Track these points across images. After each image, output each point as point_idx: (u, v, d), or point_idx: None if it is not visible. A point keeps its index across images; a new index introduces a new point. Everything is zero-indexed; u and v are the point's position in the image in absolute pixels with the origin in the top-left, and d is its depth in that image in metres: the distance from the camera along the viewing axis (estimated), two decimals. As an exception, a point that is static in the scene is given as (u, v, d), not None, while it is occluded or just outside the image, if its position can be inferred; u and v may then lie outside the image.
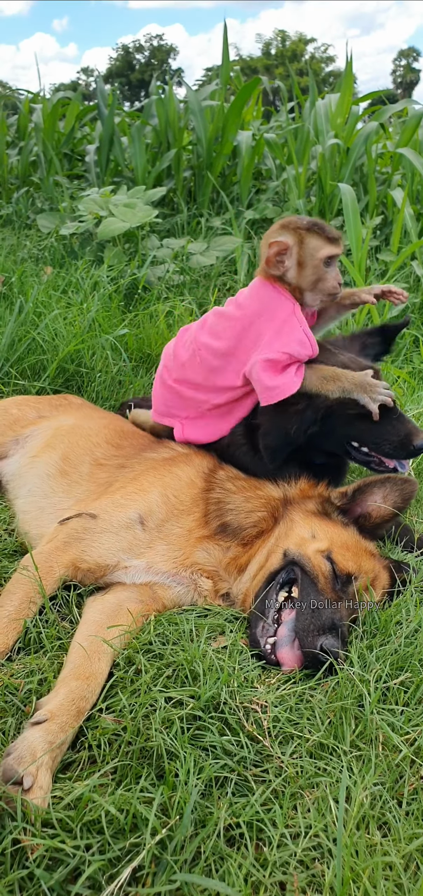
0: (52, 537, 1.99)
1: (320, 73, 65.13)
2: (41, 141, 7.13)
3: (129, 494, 2.11)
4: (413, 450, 2.35)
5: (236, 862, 1.27)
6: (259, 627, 1.86)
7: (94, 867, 1.22)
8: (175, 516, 2.11)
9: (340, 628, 1.80)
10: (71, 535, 1.98)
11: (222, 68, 6.91)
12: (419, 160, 5.76)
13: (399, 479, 2.21)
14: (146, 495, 2.11)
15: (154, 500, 2.10)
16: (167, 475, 2.23)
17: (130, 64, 75.91)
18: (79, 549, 1.96)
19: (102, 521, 2.02)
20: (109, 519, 2.02)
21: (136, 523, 2.04)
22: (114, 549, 1.99)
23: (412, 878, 1.27)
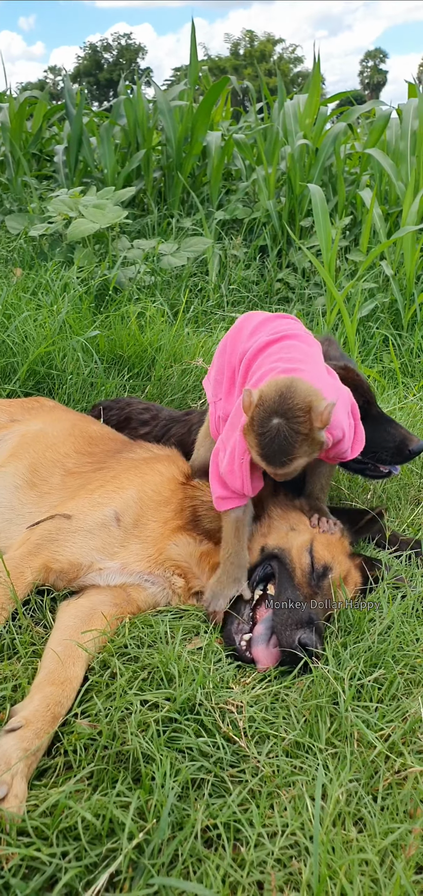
0: (23, 541, 1.97)
1: (288, 73, 65.58)
2: (8, 141, 7.04)
3: (107, 493, 2.09)
4: (409, 454, 2.41)
5: (213, 863, 1.27)
6: (234, 625, 1.87)
7: (70, 874, 1.22)
8: (152, 509, 2.10)
9: (316, 623, 1.82)
10: (44, 537, 1.96)
11: (191, 68, 6.90)
12: (386, 161, 5.84)
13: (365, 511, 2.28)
14: (124, 492, 2.10)
15: (131, 497, 2.09)
16: (149, 472, 2.23)
17: (98, 63, 75.44)
18: (51, 551, 1.94)
19: (77, 520, 2.00)
20: (84, 518, 2.01)
21: (112, 521, 2.02)
22: (88, 548, 1.97)
23: (387, 873, 1.29)
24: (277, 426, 1.77)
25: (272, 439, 1.77)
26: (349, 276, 5.57)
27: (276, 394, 1.79)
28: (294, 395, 1.78)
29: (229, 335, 2.24)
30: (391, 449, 2.41)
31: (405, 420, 3.44)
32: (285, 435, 1.76)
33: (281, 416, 1.77)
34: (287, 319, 2.24)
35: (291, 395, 1.78)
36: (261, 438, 1.79)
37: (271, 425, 1.78)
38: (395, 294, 4.96)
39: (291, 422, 1.77)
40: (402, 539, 2.46)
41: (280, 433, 1.77)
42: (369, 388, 2.45)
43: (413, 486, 2.97)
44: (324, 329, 4.62)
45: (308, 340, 2.12)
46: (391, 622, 1.93)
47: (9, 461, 2.34)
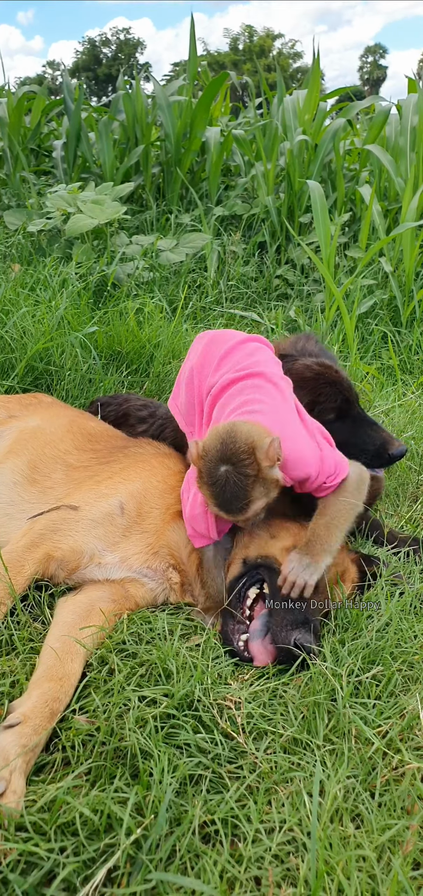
0: (26, 531, 1.96)
1: (287, 69, 65.41)
2: (7, 136, 7.01)
3: (114, 484, 2.10)
4: (389, 458, 2.38)
5: (211, 859, 1.28)
6: (231, 625, 1.87)
7: (68, 869, 1.22)
8: (156, 497, 2.12)
9: (312, 623, 1.82)
10: (47, 527, 1.96)
11: (190, 63, 6.88)
12: (386, 157, 5.83)
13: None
14: (131, 484, 2.11)
15: (137, 488, 2.11)
16: (158, 466, 2.25)
17: (96, 58, 75.23)
18: (54, 540, 1.94)
19: (82, 511, 2.01)
20: (90, 508, 2.02)
21: (117, 510, 2.03)
22: (90, 536, 1.97)
23: (384, 869, 1.29)
24: (225, 474, 1.76)
25: (223, 488, 1.77)
26: (348, 272, 5.56)
27: (218, 442, 1.79)
28: (235, 439, 1.77)
29: (195, 365, 2.21)
30: (370, 452, 2.38)
31: (404, 417, 3.44)
32: (234, 481, 1.75)
33: (227, 463, 1.76)
34: (254, 344, 2.21)
35: (232, 440, 1.77)
36: (213, 489, 1.79)
37: (219, 474, 1.77)
38: (394, 291, 4.96)
39: (237, 466, 1.75)
40: (400, 536, 2.46)
41: (229, 480, 1.76)
42: (349, 387, 2.40)
43: (411, 483, 2.97)
44: (323, 326, 4.61)
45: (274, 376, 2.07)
46: (389, 619, 1.93)
47: (7, 458, 2.34)
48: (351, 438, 2.37)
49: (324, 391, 2.34)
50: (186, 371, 2.29)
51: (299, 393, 2.34)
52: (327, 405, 2.35)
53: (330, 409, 2.36)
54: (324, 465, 1.95)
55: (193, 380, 2.20)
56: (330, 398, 2.35)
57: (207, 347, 2.23)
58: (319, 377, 2.36)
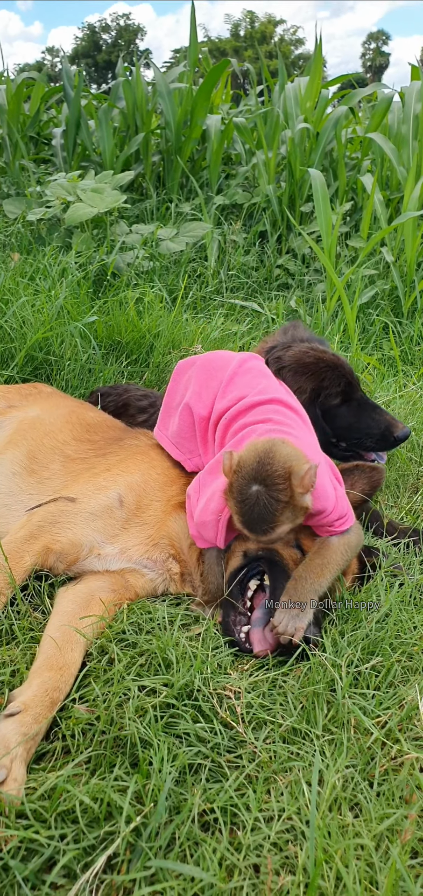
0: (24, 523, 1.96)
1: (289, 55, 64.97)
2: (6, 123, 6.97)
3: (112, 476, 2.10)
4: (394, 441, 2.38)
5: (210, 847, 1.28)
6: (232, 616, 1.87)
7: (69, 856, 1.23)
8: (157, 490, 2.11)
9: (314, 612, 1.82)
10: (46, 519, 1.96)
11: (190, 50, 6.83)
12: (388, 145, 5.80)
13: (367, 467, 2.24)
14: (130, 476, 2.11)
15: (136, 481, 2.10)
16: (156, 458, 2.25)
17: (96, 44, 74.69)
18: (53, 532, 1.94)
19: (80, 503, 2.00)
20: (88, 501, 2.01)
21: (115, 503, 2.03)
22: (89, 529, 1.97)
23: (383, 858, 1.30)
24: (256, 494, 1.71)
25: (252, 507, 1.72)
26: (350, 262, 5.54)
27: (254, 459, 1.74)
28: (273, 461, 1.72)
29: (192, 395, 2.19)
30: (375, 435, 2.37)
31: (405, 408, 3.44)
32: (264, 503, 1.71)
33: (260, 483, 1.71)
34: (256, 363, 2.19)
35: (269, 461, 1.72)
36: (241, 506, 1.74)
37: (250, 493, 1.72)
38: (395, 281, 4.94)
39: (270, 489, 1.71)
40: (400, 528, 2.46)
41: (260, 501, 1.71)
42: (351, 370, 2.40)
43: (412, 474, 2.97)
44: (324, 316, 4.60)
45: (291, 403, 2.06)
46: (389, 610, 1.93)
47: (6, 448, 2.34)
48: (356, 423, 2.37)
49: (328, 375, 2.34)
50: (178, 402, 2.28)
51: (300, 379, 2.33)
52: (332, 390, 2.34)
53: (335, 393, 2.35)
54: (337, 505, 1.92)
55: (190, 409, 2.19)
56: (334, 382, 2.34)
57: (202, 373, 2.21)
58: (319, 361, 2.35)
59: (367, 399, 2.43)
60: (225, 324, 4.25)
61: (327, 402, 2.35)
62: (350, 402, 2.38)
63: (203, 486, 1.99)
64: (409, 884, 1.22)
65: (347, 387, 2.36)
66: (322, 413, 2.36)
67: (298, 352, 2.37)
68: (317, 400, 2.34)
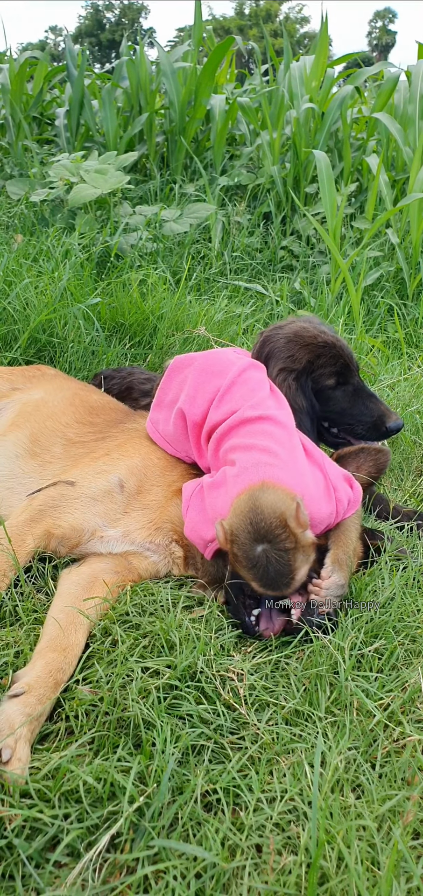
0: (24, 508, 1.97)
1: (294, 34, 64.20)
2: (9, 103, 6.90)
3: (112, 461, 2.09)
4: (386, 431, 2.36)
5: (213, 827, 1.29)
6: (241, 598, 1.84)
7: (72, 835, 1.24)
8: (157, 475, 2.11)
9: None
10: (46, 503, 1.96)
11: (195, 28, 6.74)
12: (394, 125, 5.73)
13: (373, 450, 2.23)
14: (129, 460, 2.10)
15: (136, 465, 2.10)
16: (154, 442, 2.24)
17: (99, 23, 73.87)
18: (54, 517, 1.94)
19: (80, 487, 2.00)
20: (88, 485, 2.01)
21: (116, 487, 2.02)
22: (91, 514, 1.97)
23: (384, 839, 1.31)
24: (264, 554, 1.68)
25: (266, 568, 1.69)
26: (354, 244, 5.50)
27: (246, 522, 1.71)
28: (264, 515, 1.70)
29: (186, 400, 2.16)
30: (367, 424, 2.35)
31: (410, 390, 3.42)
32: (275, 559, 1.68)
33: (262, 542, 1.69)
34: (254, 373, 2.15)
35: (260, 517, 1.70)
36: (254, 572, 1.71)
37: (257, 555, 1.69)
38: (400, 263, 4.90)
39: (274, 543, 1.69)
40: (404, 511, 2.45)
41: (270, 559, 1.68)
42: (350, 355, 2.37)
43: (416, 457, 2.96)
44: (328, 298, 4.57)
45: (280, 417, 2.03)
46: (393, 594, 1.93)
47: (10, 430, 2.33)
48: (349, 408, 2.35)
49: (324, 352, 2.31)
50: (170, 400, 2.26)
51: (294, 348, 2.30)
52: (326, 369, 2.31)
53: (330, 373, 2.32)
54: (339, 508, 1.92)
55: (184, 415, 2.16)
56: (330, 361, 2.31)
57: (198, 376, 2.18)
58: (317, 337, 2.33)
59: (363, 386, 2.41)
60: (229, 306, 4.23)
61: (321, 381, 2.32)
62: (346, 385, 2.36)
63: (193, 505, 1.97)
64: (411, 864, 1.23)
65: (343, 369, 2.34)
66: (315, 393, 2.33)
67: (297, 326, 2.35)
68: (311, 375, 2.31)
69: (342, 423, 2.38)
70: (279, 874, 1.24)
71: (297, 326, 2.37)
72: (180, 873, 1.21)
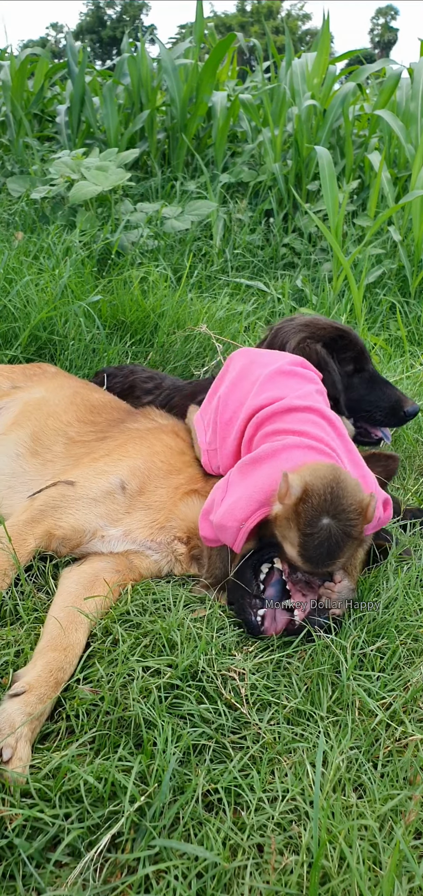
0: (25, 508, 1.96)
1: (296, 31, 64.08)
2: (9, 100, 6.89)
3: (113, 461, 2.08)
4: (404, 416, 2.37)
5: (214, 826, 1.29)
6: (247, 599, 1.82)
7: (73, 835, 1.24)
8: (161, 478, 2.09)
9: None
10: (47, 504, 1.95)
11: (196, 25, 6.73)
12: (396, 122, 5.71)
13: (383, 455, 2.23)
14: (131, 461, 2.09)
15: (138, 466, 2.08)
16: (157, 444, 2.22)
17: (100, 20, 73.76)
18: (54, 518, 1.94)
19: (81, 488, 1.99)
20: (88, 486, 2.00)
21: (117, 489, 2.01)
22: (92, 515, 1.97)
23: (386, 838, 1.30)
24: (328, 528, 1.62)
25: (322, 542, 1.62)
26: (357, 241, 5.49)
27: (325, 489, 1.63)
28: (346, 493, 1.64)
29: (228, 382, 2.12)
30: (385, 409, 2.36)
31: (412, 389, 3.41)
32: (336, 538, 1.63)
33: (332, 517, 1.62)
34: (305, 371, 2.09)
35: (343, 494, 1.63)
36: (307, 539, 1.64)
37: (320, 526, 1.62)
38: (403, 260, 4.89)
39: (343, 524, 1.63)
40: (407, 508, 2.45)
41: (332, 536, 1.62)
42: (363, 344, 2.39)
43: (419, 456, 2.95)
44: (330, 296, 4.56)
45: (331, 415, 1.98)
46: (396, 594, 1.92)
47: (11, 429, 2.33)
48: (367, 395, 2.36)
49: (342, 335, 2.33)
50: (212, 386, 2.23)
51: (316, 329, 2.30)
52: (345, 353, 2.32)
53: (349, 358, 2.34)
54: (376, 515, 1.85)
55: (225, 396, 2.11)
56: (348, 346, 2.33)
57: (244, 368, 2.13)
58: (332, 324, 2.35)
59: (378, 374, 2.44)
60: (230, 303, 4.22)
61: (342, 367, 2.33)
62: (363, 372, 2.38)
63: (232, 486, 1.91)
64: (412, 864, 1.23)
65: (359, 355, 2.36)
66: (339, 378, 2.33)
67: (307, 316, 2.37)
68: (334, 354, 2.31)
69: (360, 410, 2.38)
70: (281, 874, 1.23)
71: (309, 317, 2.40)
72: (182, 873, 1.21)
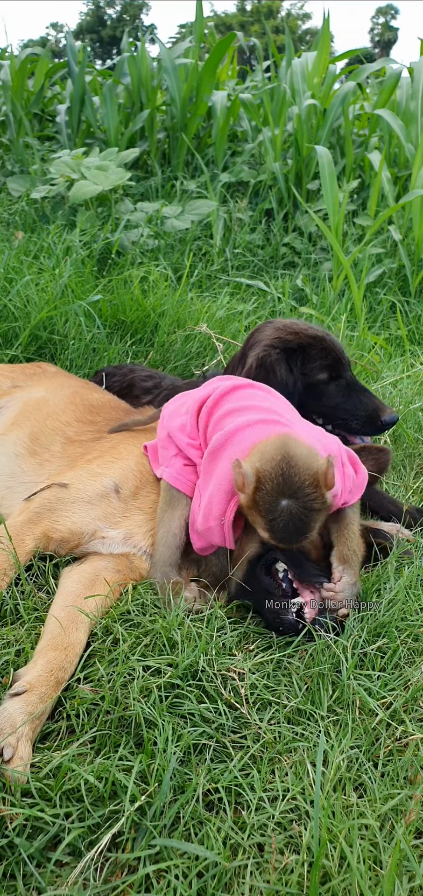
0: (22, 510, 1.96)
1: (296, 30, 64.02)
2: (9, 100, 6.88)
3: (106, 463, 2.08)
4: (381, 425, 2.34)
5: (214, 826, 1.29)
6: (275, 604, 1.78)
7: (73, 834, 1.23)
8: (153, 482, 2.09)
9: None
10: (43, 506, 1.95)
11: (196, 24, 6.73)
12: (396, 122, 5.71)
13: (374, 448, 2.22)
14: (123, 463, 2.09)
15: (131, 467, 2.08)
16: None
17: (101, 19, 73.69)
18: (51, 520, 1.94)
19: (75, 490, 1.99)
20: (83, 488, 1.99)
21: (111, 491, 2.01)
22: (89, 517, 1.96)
23: (387, 838, 1.30)
24: (288, 509, 1.62)
25: (286, 523, 1.63)
26: (357, 240, 5.49)
27: (276, 472, 1.64)
28: (297, 469, 1.63)
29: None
30: (362, 418, 2.33)
31: (412, 388, 3.41)
32: (299, 516, 1.63)
33: (290, 497, 1.62)
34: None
35: (294, 471, 1.63)
36: (272, 524, 1.65)
37: (281, 508, 1.62)
38: (403, 260, 4.89)
39: (302, 501, 1.63)
40: (407, 509, 2.44)
41: (294, 516, 1.62)
42: (341, 350, 2.35)
43: (418, 455, 2.95)
44: (331, 295, 4.56)
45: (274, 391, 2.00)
46: (396, 595, 1.92)
47: (11, 429, 2.33)
48: (343, 403, 2.33)
49: (314, 343, 2.29)
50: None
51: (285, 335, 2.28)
52: (318, 362, 2.29)
53: (322, 366, 2.29)
54: (344, 484, 1.85)
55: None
56: (321, 354, 2.29)
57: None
58: (308, 329, 2.32)
59: (357, 382, 2.39)
60: (231, 303, 4.22)
61: (314, 375, 2.30)
62: (339, 380, 2.35)
63: (201, 490, 1.92)
64: (413, 864, 1.22)
65: (335, 363, 2.32)
66: (307, 388, 2.31)
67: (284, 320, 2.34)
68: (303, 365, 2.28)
69: (337, 418, 2.36)
70: (281, 873, 1.23)
71: (287, 320, 2.38)
72: (182, 872, 1.21)
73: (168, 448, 2.04)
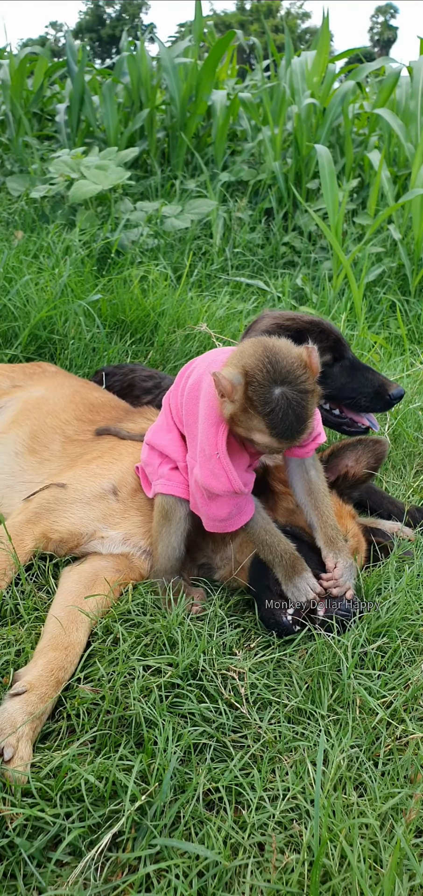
0: (21, 510, 1.96)
1: (295, 29, 64.00)
2: (9, 99, 6.88)
3: (105, 464, 2.08)
4: (389, 399, 2.33)
5: (215, 825, 1.29)
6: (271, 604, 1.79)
7: (74, 834, 1.23)
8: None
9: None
10: (42, 507, 1.95)
11: (196, 23, 6.73)
12: (396, 121, 5.71)
13: (370, 440, 2.20)
14: (123, 463, 2.08)
15: (130, 469, 2.08)
16: None
17: (100, 19, 73.65)
18: (50, 520, 1.93)
19: (74, 490, 1.99)
20: (81, 489, 1.99)
21: (109, 492, 2.01)
22: (88, 518, 1.96)
23: (387, 836, 1.30)
24: (284, 395, 1.56)
25: (285, 412, 1.56)
26: (356, 240, 5.48)
27: (263, 362, 1.58)
28: (283, 355, 1.58)
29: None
30: (369, 394, 2.31)
31: (412, 387, 3.41)
32: (296, 401, 1.56)
33: (283, 384, 1.57)
34: None
35: (281, 357, 1.58)
36: (270, 417, 1.57)
37: (277, 397, 1.56)
38: (403, 259, 4.89)
39: (296, 385, 1.57)
40: (408, 509, 2.44)
41: (291, 402, 1.56)
42: (339, 332, 2.36)
43: (418, 453, 2.95)
44: (330, 294, 4.56)
45: None
46: (397, 596, 1.92)
47: (11, 428, 2.33)
48: (349, 382, 2.33)
49: (313, 329, 2.29)
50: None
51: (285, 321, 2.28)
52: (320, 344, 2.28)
53: (324, 348, 2.29)
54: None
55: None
56: (321, 337, 2.28)
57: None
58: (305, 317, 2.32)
59: (358, 361, 2.38)
60: (230, 302, 4.22)
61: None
62: (342, 360, 2.34)
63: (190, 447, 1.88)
64: (413, 862, 1.22)
65: (336, 344, 2.31)
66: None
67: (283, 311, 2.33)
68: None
69: (344, 398, 2.35)
70: (282, 872, 1.23)
71: (283, 311, 2.37)
72: (182, 872, 1.21)
73: (152, 461, 1.99)
